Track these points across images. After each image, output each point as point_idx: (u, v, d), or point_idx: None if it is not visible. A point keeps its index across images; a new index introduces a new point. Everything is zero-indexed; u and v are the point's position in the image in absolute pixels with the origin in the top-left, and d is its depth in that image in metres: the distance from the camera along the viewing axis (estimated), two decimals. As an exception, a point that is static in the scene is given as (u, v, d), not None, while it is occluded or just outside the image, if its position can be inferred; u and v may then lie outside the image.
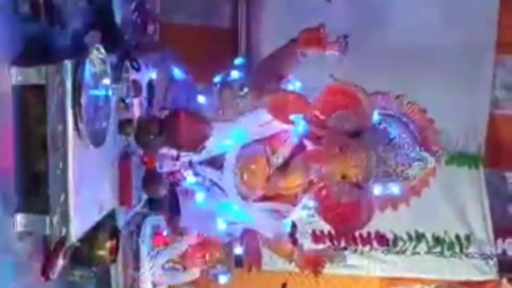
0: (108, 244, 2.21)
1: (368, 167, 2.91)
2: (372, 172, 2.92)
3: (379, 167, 2.92)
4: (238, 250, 2.99)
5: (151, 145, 2.44)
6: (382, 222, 3.35)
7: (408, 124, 3.03)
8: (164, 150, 2.67)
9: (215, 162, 2.94)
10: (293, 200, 3.06)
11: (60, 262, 2.07)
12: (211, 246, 2.66)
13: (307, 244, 3.22)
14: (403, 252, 3.64)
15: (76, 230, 1.87)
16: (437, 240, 3.66)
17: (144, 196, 2.58)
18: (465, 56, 4.09)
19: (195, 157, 2.89)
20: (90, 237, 2.19)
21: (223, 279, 2.87)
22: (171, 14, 3.85)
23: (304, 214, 3.07)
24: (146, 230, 2.53)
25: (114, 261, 2.23)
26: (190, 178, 2.86)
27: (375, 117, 2.97)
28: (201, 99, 2.80)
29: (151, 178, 2.57)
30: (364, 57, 3.47)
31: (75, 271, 2.25)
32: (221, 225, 2.88)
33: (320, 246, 3.45)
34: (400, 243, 3.63)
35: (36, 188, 1.87)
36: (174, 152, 2.60)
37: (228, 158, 2.92)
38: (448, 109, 3.94)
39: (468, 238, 3.68)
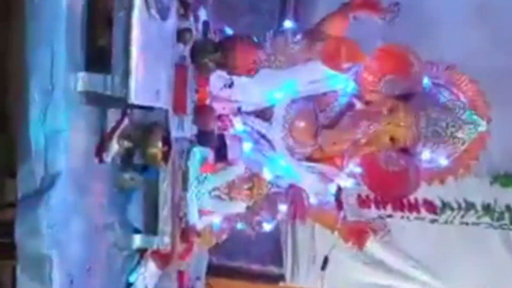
0: (160, 144, 2.20)
1: (417, 128, 2.90)
2: (421, 133, 2.91)
3: (429, 127, 2.91)
4: (283, 207, 2.95)
5: (206, 66, 2.47)
6: (429, 191, 3.28)
7: (458, 95, 3.01)
8: (216, 88, 2.70)
9: (264, 114, 2.95)
10: (339, 164, 3.05)
11: (115, 146, 2.08)
12: (258, 181, 2.62)
13: (352, 209, 3.16)
14: (451, 222, 3.54)
15: (135, 94, 1.88)
16: (487, 209, 3.57)
17: (194, 128, 2.60)
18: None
19: (244, 107, 2.92)
20: (143, 136, 2.20)
21: (267, 226, 2.82)
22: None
23: (349, 182, 3.04)
24: (195, 156, 2.51)
25: (166, 163, 2.22)
26: (238, 125, 2.86)
27: (426, 82, 2.98)
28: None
29: (202, 110, 2.59)
30: (415, 26, 3.49)
31: (125, 173, 2.24)
32: (267, 175, 2.86)
33: (365, 211, 3.38)
34: (448, 211, 3.54)
35: (101, 51, 1.91)
36: (227, 78, 2.62)
37: (277, 111, 2.92)
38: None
39: (519, 209, 3.59)
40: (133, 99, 1.87)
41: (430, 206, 3.50)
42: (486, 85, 4.12)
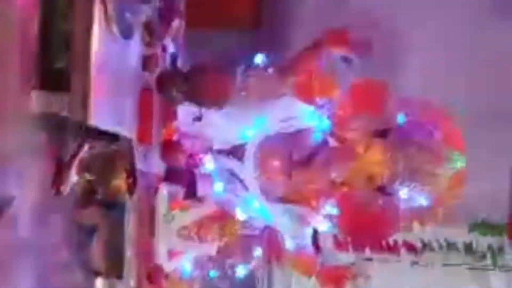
0: (124, 175, 2.05)
1: (394, 166, 2.80)
2: (399, 171, 2.80)
3: (406, 165, 2.81)
4: (258, 251, 2.79)
5: (173, 98, 2.34)
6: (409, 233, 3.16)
7: (435, 131, 2.92)
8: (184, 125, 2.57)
9: (236, 152, 2.82)
10: (314, 206, 2.92)
11: (74, 176, 1.93)
12: (230, 219, 2.46)
13: (329, 252, 3.00)
14: (432, 264, 3.39)
15: (95, 115, 1.74)
16: (469, 249, 3.42)
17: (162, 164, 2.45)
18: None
19: (215, 145, 2.79)
20: (105, 167, 2.05)
21: (241, 271, 2.64)
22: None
23: (326, 225, 2.90)
24: (163, 192, 2.36)
25: (131, 195, 2.06)
26: (209, 164, 2.72)
27: (401, 118, 2.89)
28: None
29: (169, 145, 2.45)
30: (389, 61, 3.40)
31: (85, 209, 2.08)
32: (240, 216, 2.70)
33: (343, 254, 3.21)
34: (429, 252, 3.38)
35: (57, 70, 1.77)
36: (195, 112, 2.48)
37: (249, 150, 2.80)
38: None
39: (501, 249, 3.44)
40: (93, 121, 1.73)
41: (410, 247, 3.37)
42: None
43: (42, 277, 1.83)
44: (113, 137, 2.06)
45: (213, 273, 2.83)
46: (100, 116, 1.76)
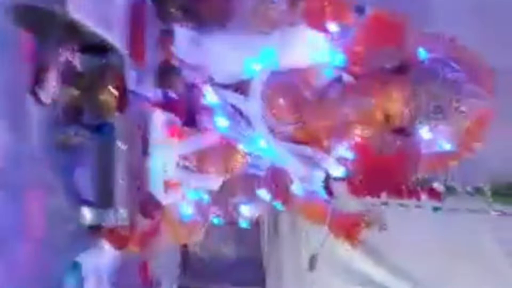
0: (114, 90, 1.85)
1: (415, 102, 2.57)
2: (421, 108, 2.57)
3: (430, 103, 2.58)
4: (263, 193, 2.57)
5: (170, 16, 2.12)
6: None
7: (459, 68, 2.68)
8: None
9: (240, 87, 2.60)
10: (326, 147, 2.69)
11: (53, 83, 1.72)
12: (236, 150, 2.23)
13: (342, 197, 2.78)
14: (456, 209, 3.14)
15: (75, 5, 1.52)
16: (497, 193, 3.17)
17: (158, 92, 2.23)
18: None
19: (218, 78, 2.56)
20: (93, 81, 1.84)
21: (245, 209, 2.42)
22: None
23: (340, 171, 2.66)
24: (158, 118, 2.14)
25: (121, 112, 1.85)
26: (210, 97, 2.50)
27: (423, 54, 2.65)
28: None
29: (167, 70, 2.23)
30: None
31: (68, 128, 1.87)
32: (245, 153, 2.48)
33: (357, 201, 2.98)
34: (453, 197, 3.14)
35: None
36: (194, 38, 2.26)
37: (254, 85, 2.57)
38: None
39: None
40: (73, 10, 1.51)
41: (432, 192, 3.12)
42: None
43: (14, 189, 1.63)
44: (103, 49, 1.86)
45: (217, 220, 2.64)
46: (81, 7, 1.55)
